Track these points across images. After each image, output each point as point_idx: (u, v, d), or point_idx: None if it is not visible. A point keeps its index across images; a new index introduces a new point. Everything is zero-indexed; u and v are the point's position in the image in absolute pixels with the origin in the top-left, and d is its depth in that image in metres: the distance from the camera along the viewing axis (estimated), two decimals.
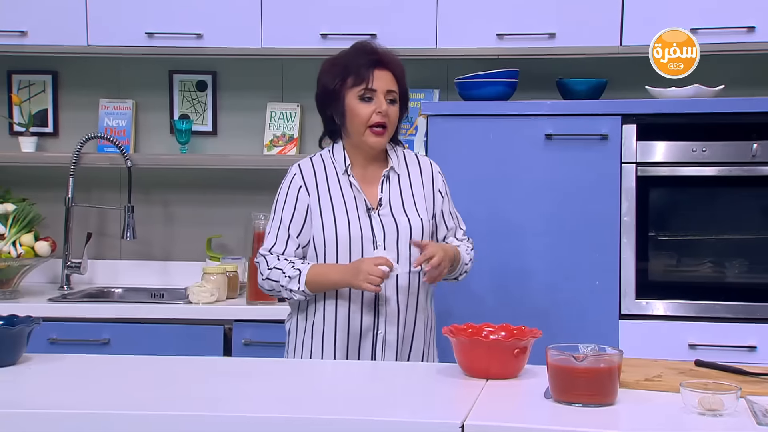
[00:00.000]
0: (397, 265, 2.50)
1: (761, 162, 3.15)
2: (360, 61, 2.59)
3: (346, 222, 2.56)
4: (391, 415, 1.95)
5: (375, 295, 2.54)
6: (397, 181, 2.64)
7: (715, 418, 1.87)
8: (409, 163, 2.69)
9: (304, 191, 2.60)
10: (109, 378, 2.27)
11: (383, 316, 2.57)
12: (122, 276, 3.91)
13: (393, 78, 2.61)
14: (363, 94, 2.57)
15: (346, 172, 2.62)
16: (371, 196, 2.61)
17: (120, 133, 3.89)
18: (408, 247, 2.57)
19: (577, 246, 3.22)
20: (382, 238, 2.56)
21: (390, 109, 2.59)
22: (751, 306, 3.16)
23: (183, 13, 3.59)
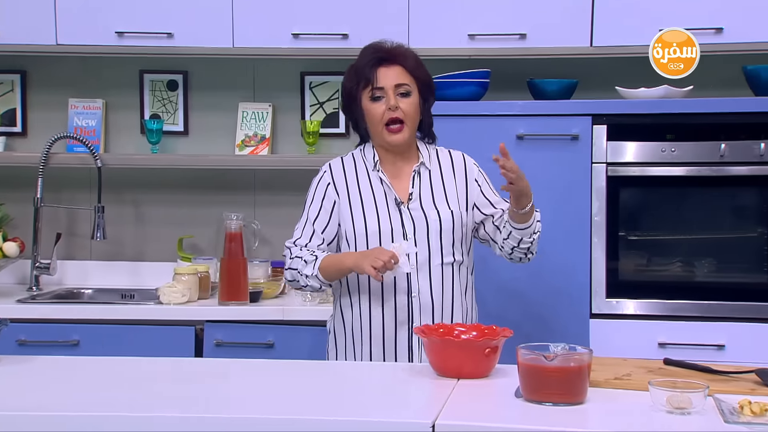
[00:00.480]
0: (405, 260, 2.49)
1: (729, 162, 3.19)
2: (365, 61, 2.63)
3: (376, 216, 2.61)
4: (362, 415, 1.95)
5: (408, 288, 2.58)
6: (428, 177, 2.67)
7: (683, 416, 1.89)
8: (441, 158, 2.71)
9: (332, 189, 2.66)
10: (78, 379, 2.25)
11: (417, 309, 2.59)
12: (92, 277, 3.88)
13: (402, 71, 2.61)
14: (372, 93, 2.60)
15: (375, 168, 2.65)
16: (402, 191, 2.65)
17: (90, 133, 3.86)
18: (439, 239, 2.60)
19: (548, 245, 3.23)
20: (413, 231, 2.60)
21: (402, 102, 2.60)
22: (720, 305, 3.19)
23: (153, 12, 3.57)
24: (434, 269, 2.60)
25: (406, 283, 2.59)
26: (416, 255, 2.58)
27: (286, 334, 3.32)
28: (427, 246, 2.60)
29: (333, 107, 3.86)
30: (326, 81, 3.86)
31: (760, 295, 3.17)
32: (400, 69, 2.62)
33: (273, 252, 3.86)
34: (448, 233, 2.61)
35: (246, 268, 3.42)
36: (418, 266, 2.59)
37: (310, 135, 3.75)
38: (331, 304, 3.40)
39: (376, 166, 2.65)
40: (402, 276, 2.55)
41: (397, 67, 2.62)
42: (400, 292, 2.59)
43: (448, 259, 2.62)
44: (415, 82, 2.63)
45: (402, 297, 2.59)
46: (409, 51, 2.67)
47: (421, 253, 2.59)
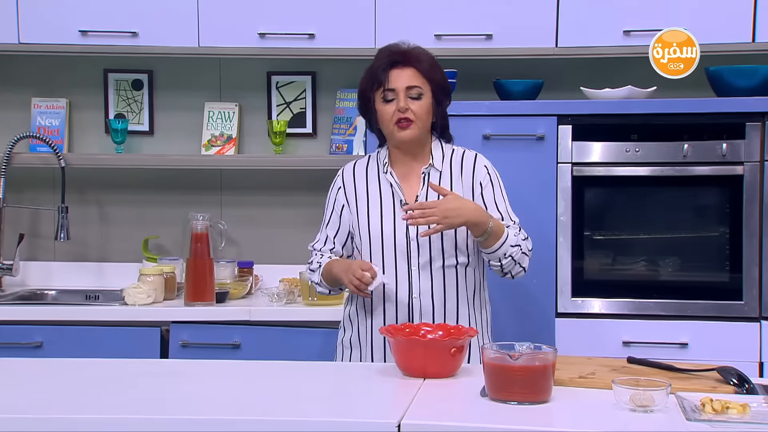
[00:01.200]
0: (383, 276, 2.55)
1: (692, 162, 3.22)
2: (378, 64, 2.64)
3: (379, 218, 2.64)
4: (328, 415, 1.95)
5: (409, 289, 2.60)
6: (438, 178, 2.67)
7: (646, 414, 1.91)
8: (454, 159, 2.71)
9: (342, 193, 2.72)
10: (41, 381, 2.23)
11: (417, 310, 2.60)
12: (56, 278, 3.84)
13: (415, 73, 2.61)
14: (384, 95, 2.62)
15: (385, 171, 2.68)
16: (410, 192, 2.66)
17: (53, 133, 3.82)
18: (440, 242, 2.59)
19: None
20: (415, 233, 2.60)
21: (413, 104, 2.60)
22: (683, 303, 3.22)
23: (118, 11, 3.53)
24: (435, 272, 2.61)
25: (408, 285, 2.61)
26: (418, 257, 2.60)
27: (253, 334, 3.31)
28: (428, 248, 2.60)
29: (300, 107, 3.85)
30: (293, 81, 3.85)
31: (722, 293, 3.21)
32: (412, 71, 2.62)
33: (239, 252, 3.85)
34: (450, 236, 2.60)
35: (212, 269, 3.41)
36: (419, 268, 2.60)
37: (277, 135, 3.74)
38: (297, 305, 3.42)
39: (385, 168, 2.67)
40: (388, 286, 2.60)
41: (410, 69, 2.62)
42: (402, 294, 2.61)
43: (450, 261, 2.61)
44: (428, 84, 2.63)
45: (403, 298, 2.61)
46: (424, 53, 2.66)
47: (422, 256, 2.60)
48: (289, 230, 3.82)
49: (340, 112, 3.78)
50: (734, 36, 3.30)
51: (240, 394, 2.12)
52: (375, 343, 2.64)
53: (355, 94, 3.69)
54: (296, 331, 3.29)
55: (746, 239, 3.18)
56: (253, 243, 3.85)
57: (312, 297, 3.35)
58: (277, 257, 3.78)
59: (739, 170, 3.20)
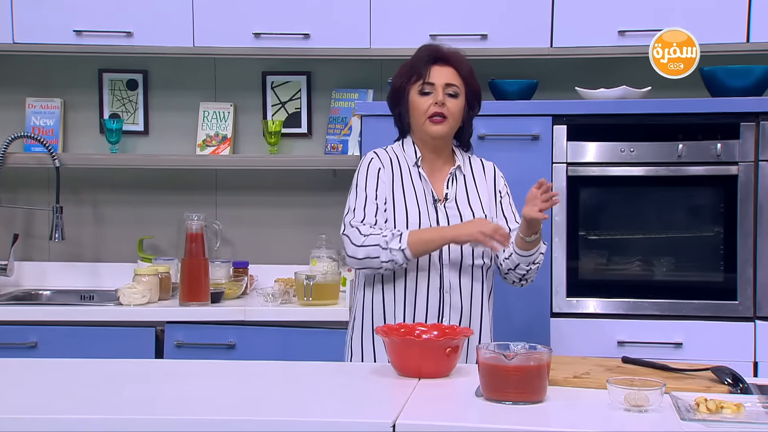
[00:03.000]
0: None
1: (687, 162, 3.23)
2: (420, 57, 2.68)
3: (417, 211, 2.63)
4: (323, 415, 1.95)
5: (440, 284, 2.59)
6: (463, 180, 2.70)
7: (640, 413, 1.91)
8: (474, 165, 2.75)
9: (384, 173, 2.65)
10: (36, 382, 2.22)
11: (448, 304, 2.61)
12: (50, 278, 3.84)
13: (455, 73, 2.65)
14: (422, 88, 2.64)
15: (416, 164, 2.68)
16: (437, 190, 2.68)
17: (48, 133, 3.81)
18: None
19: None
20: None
21: (449, 101, 2.63)
22: (678, 303, 3.23)
23: (112, 11, 3.53)
24: (464, 269, 2.62)
25: (439, 280, 2.61)
26: (449, 253, 2.60)
27: (248, 334, 3.31)
28: (459, 246, 2.61)
29: (295, 107, 3.85)
30: (288, 81, 3.85)
31: (716, 293, 3.21)
32: (452, 71, 2.65)
33: (234, 252, 3.85)
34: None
35: (207, 269, 3.40)
36: (450, 264, 2.61)
37: (272, 135, 3.74)
38: (292, 305, 3.41)
39: (417, 162, 2.68)
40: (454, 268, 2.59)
41: (451, 68, 2.65)
42: (433, 288, 2.61)
43: (478, 261, 2.63)
44: (464, 87, 2.67)
45: (434, 293, 2.61)
46: (464, 59, 2.70)
47: (453, 252, 2.61)
48: (284, 230, 3.82)
49: (336, 112, 3.78)
50: (729, 36, 3.31)
51: (235, 395, 2.12)
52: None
53: (350, 94, 3.77)
54: (291, 332, 3.29)
55: (741, 239, 3.19)
56: (248, 243, 3.85)
57: (307, 297, 3.35)
58: (273, 257, 3.78)
59: (734, 170, 3.20)
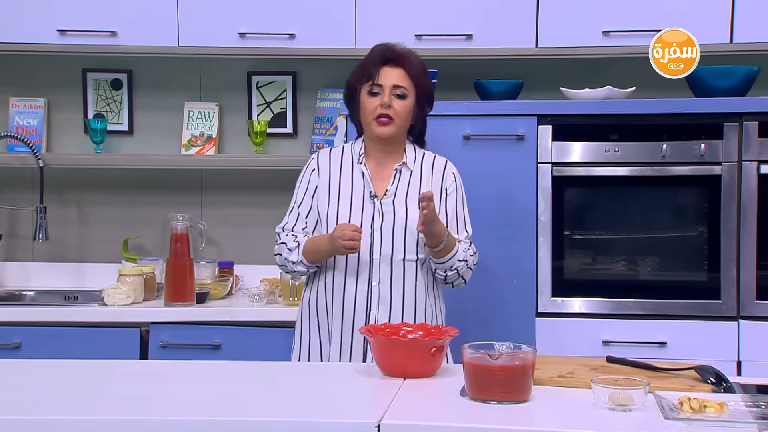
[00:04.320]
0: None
1: (671, 162, 3.24)
2: (372, 58, 2.74)
3: (348, 206, 2.70)
4: (307, 415, 1.95)
5: (369, 275, 2.66)
6: (408, 177, 2.75)
7: (624, 412, 1.91)
8: (425, 163, 2.79)
9: (316, 174, 2.76)
10: (20, 383, 2.21)
11: (375, 296, 2.67)
12: (34, 278, 3.82)
13: (404, 74, 2.70)
14: (371, 89, 2.70)
15: (359, 161, 2.74)
16: (381, 187, 2.73)
17: (31, 133, 3.80)
18: (403, 236, 2.68)
19: (494, 245, 3.26)
20: (380, 224, 2.67)
21: (396, 102, 2.69)
22: (662, 303, 3.24)
23: (97, 10, 3.52)
24: (395, 264, 2.68)
25: (368, 272, 2.67)
26: (380, 247, 2.66)
27: (233, 335, 3.30)
28: (391, 240, 2.67)
29: (280, 107, 3.84)
30: (273, 81, 3.84)
31: (700, 293, 3.23)
32: (402, 72, 2.71)
33: (220, 252, 3.84)
34: (413, 232, 2.68)
35: (192, 269, 3.39)
36: (381, 258, 2.67)
37: (258, 135, 3.73)
38: (277, 305, 3.41)
39: (360, 159, 2.74)
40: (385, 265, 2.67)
41: (400, 69, 2.71)
42: (362, 281, 2.68)
43: (411, 256, 2.69)
44: (414, 87, 2.72)
45: (363, 285, 2.68)
46: (416, 58, 2.75)
47: (384, 246, 2.67)
48: (269, 230, 3.76)
49: (321, 112, 3.78)
50: (712, 37, 3.32)
51: (220, 395, 2.11)
52: (334, 328, 2.69)
53: (336, 94, 3.76)
54: (277, 332, 3.28)
55: (724, 239, 3.20)
56: (234, 243, 3.84)
57: (292, 297, 3.35)
58: (258, 257, 3.77)
59: (717, 170, 3.22)
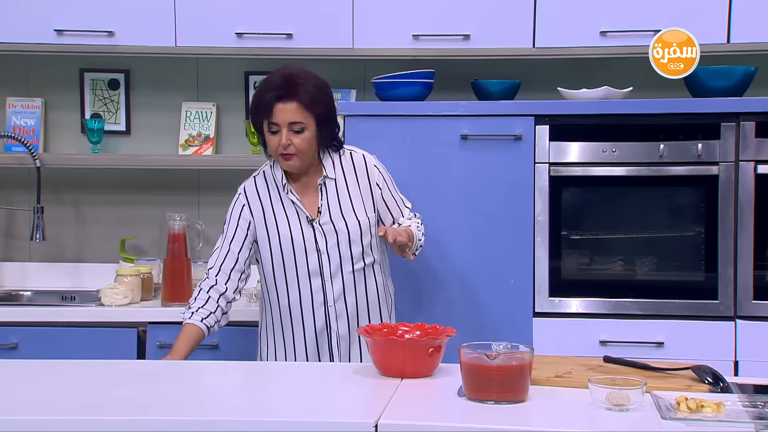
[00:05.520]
0: None
1: (668, 162, 3.24)
2: (265, 96, 2.70)
3: (289, 234, 2.74)
4: (304, 415, 1.95)
5: (324, 299, 2.73)
6: (334, 187, 2.77)
7: (621, 412, 1.92)
8: (345, 165, 2.80)
9: (248, 210, 2.78)
10: (17, 383, 2.21)
11: (333, 316, 2.74)
12: (31, 278, 3.81)
13: (298, 108, 2.67)
14: (270, 128, 2.71)
15: (284, 190, 2.77)
16: (311, 206, 2.77)
17: (29, 133, 3.79)
18: (348, 248, 2.73)
19: (492, 245, 3.27)
20: (324, 244, 2.73)
21: (295, 138, 2.69)
22: (659, 303, 3.24)
23: (94, 10, 3.52)
24: (346, 276, 2.75)
25: (322, 295, 2.74)
26: (329, 266, 2.72)
27: (230, 335, 3.30)
28: (338, 255, 2.74)
29: None
30: None
31: (697, 293, 3.23)
32: (295, 105, 2.67)
33: None
34: (357, 242, 2.74)
35: (190, 269, 3.39)
36: (331, 274, 2.73)
37: (255, 135, 3.73)
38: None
39: (285, 188, 2.76)
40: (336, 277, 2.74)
41: (293, 103, 2.67)
42: (318, 305, 2.74)
43: (359, 264, 2.76)
44: (311, 117, 2.69)
45: (319, 308, 2.74)
46: (307, 82, 2.68)
47: (333, 262, 2.73)
48: None
49: None
50: (709, 37, 3.32)
51: (217, 395, 2.11)
52: (299, 355, 2.76)
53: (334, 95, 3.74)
54: None
55: (721, 239, 3.21)
56: None
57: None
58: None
59: (715, 170, 3.22)
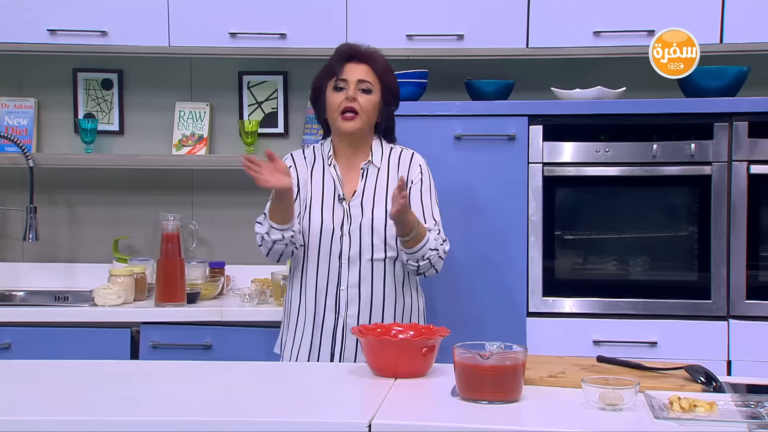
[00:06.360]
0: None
1: (661, 162, 3.25)
2: (336, 57, 2.78)
3: (319, 209, 2.72)
4: (298, 415, 1.95)
5: (338, 280, 2.70)
6: (376, 175, 2.76)
7: (615, 412, 1.92)
8: (392, 157, 2.80)
9: (294, 171, 2.78)
10: (10, 383, 2.21)
11: (344, 300, 2.71)
12: (24, 279, 3.81)
13: (369, 70, 2.74)
14: (336, 84, 2.73)
15: (329, 163, 2.76)
16: (351, 186, 2.75)
17: (21, 132, 3.78)
18: (370, 236, 2.70)
19: (485, 245, 3.27)
20: (348, 227, 2.70)
21: (361, 97, 2.72)
22: (653, 303, 3.25)
23: (87, 10, 3.51)
24: (364, 264, 2.71)
25: (337, 276, 2.71)
26: (348, 249, 2.69)
27: (224, 335, 3.30)
28: (359, 242, 2.70)
29: (271, 107, 3.84)
30: (264, 80, 3.84)
31: (690, 292, 3.23)
32: (367, 68, 2.75)
33: (211, 252, 3.83)
34: (380, 231, 2.71)
35: (183, 269, 3.39)
36: (349, 261, 2.71)
37: (249, 135, 3.73)
38: (268, 306, 3.41)
39: (330, 161, 2.76)
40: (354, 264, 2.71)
41: (365, 66, 2.75)
42: (331, 284, 2.72)
43: (379, 255, 2.72)
44: (379, 83, 2.75)
45: (332, 288, 2.72)
46: (380, 56, 2.78)
47: (353, 249, 2.70)
48: None
49: (312, 112, 3.76)
50: (703, 37, 3.32)
51: (211, 395, 2.11)
52: (306, 328, 2.74)
53: None
54: (268, 332, 3.27)
55: (714, 239, 3.21)
56: (225, 243, 3.84)
57: (284, 297, 3.34)
58: (249, 258, 3.76)
59: (708, 170, 3.23)
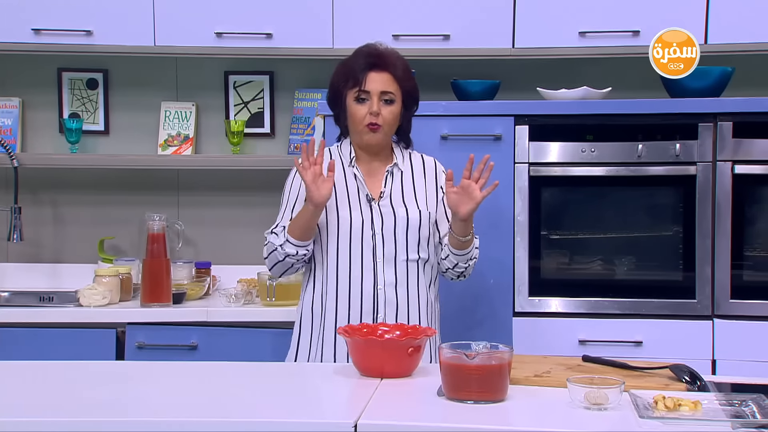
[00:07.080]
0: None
1: (646, 162, 3.26)
2: (358, 63, 2.70)
3: (348, 210, 2.67)
4: (284, 415, 1.95)
5: (374, 280, 2.63)
6: (400, 177, 2.75)
7: (600, 411, 1.93)
8: (414, 162, 2.79)
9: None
10: None
11: (382, 301, 2.65)
12: (9, 279, 3.79)
13: (391, 79, 2.68)
14: (358, 95, 2.68)
15: (351, 164, 2.72)
16: (374, 189, 2.72)
17: (6, 132, 3.77)
18: (405, 236, 2.67)
19: None
20: (380, 226, 2.66)
21: (384, 109, 2.67)
22: (638, 302, 3.26)
23: (72, 9, 3.49)
24: (399, 264, 2.67)
25: (373, 276, 2.64)
26: (383, 249, 2.64)
27: (210, 335, 3.29)
28: (393, 241, 2.67)
29: (258, 107, 3.84)
30: (250, 80, 3.83)
31: (675, 292, 3.25)
32: (388, 76, 2.69)
33: (197, 253, 3.82)
34: (414, 231, 2.68)
35: (169, 270, 3.38)
36: (384, 261, 2.66)
37: (235, 135, 3.72)
38: (254, 306, 3.40)
39: (351, 162, 2.73)
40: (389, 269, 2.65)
41: (387, 74, 2.69)
42: (367, 285, 2.65)
43: (413, 256, 2.68)
44: (400, 90, 2.70)
45: (368, 289, 2.64)
46: (400, 59, 2.73)
47: (387, 248, 2.66)
48: (246, 230, 3.80)
49: (299, 111, 3.77)
50: None
51: (197, 396, 2.11)
52: (339, 338, 2.63)
53: (313, 94, 3.76)
54: (254, 332, 3.28)
55: (699, 238, 3.23)
56: (211, 243, 3.83)
57: (270, 297, 3.34)
58: (235, 258, 3.77)
59: (692, 170, 3.24)
